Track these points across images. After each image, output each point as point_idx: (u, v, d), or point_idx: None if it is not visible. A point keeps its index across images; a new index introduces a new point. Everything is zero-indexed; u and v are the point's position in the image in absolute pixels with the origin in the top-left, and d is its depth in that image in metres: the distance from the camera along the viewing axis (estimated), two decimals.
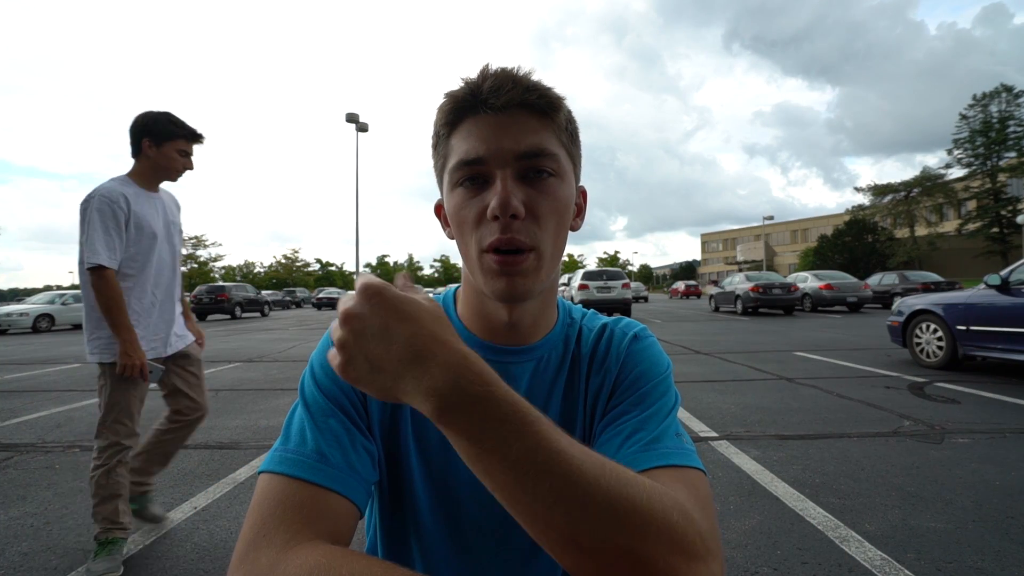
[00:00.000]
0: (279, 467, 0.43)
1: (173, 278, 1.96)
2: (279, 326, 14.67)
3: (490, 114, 0.46)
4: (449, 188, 0.50)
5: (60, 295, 15.74)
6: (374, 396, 0.37)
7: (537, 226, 0.47)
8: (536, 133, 0.47)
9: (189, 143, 1.88)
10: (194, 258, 46.72)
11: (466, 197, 0.48)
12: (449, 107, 0.48)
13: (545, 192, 0.48)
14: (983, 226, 33.77)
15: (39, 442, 3.32)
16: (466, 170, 0.47)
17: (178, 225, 2.01)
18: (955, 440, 2.98)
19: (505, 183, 0.45)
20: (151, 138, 1.80)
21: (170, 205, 1.97)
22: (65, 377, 5.96)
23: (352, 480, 0.44)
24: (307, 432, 0.46)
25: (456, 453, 0.53)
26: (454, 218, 0.49)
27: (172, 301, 1.96)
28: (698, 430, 3.30)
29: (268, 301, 22.30)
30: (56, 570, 1.78)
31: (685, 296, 38.04)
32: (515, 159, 0.46)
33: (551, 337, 0.57)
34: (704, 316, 14.89)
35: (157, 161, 1.82)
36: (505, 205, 0.44)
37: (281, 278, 62.44)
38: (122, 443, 1.74)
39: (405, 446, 0.53)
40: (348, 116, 17.43)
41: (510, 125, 0.46)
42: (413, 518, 0.54)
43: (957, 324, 5.05)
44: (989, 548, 1.79)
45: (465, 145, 0.47)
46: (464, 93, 0.47)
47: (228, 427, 3.58)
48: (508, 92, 0.46)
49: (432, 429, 0.53)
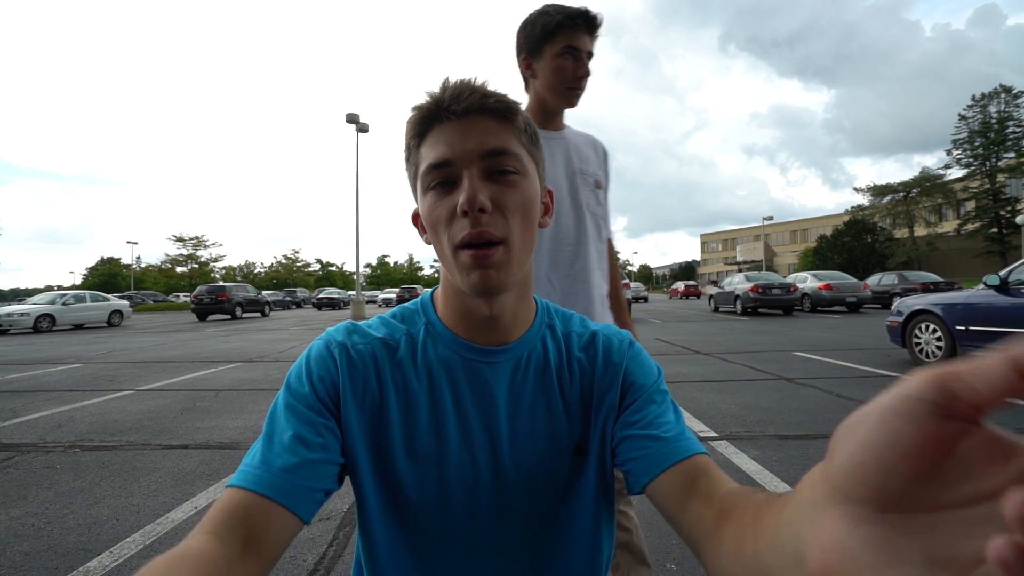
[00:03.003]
0: (232, 482, 0.46)
1: (579, 253, 1.23)
2: (279, 326, 14.67)
3: (453, 120, 0.50)
4: (422, 193, 0.52)
5: (61, 295, 15.71)
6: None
7: (504, 220, 0.50)
8: (497, 135, 0.51)
9: (576, 35, 1.14)
10: (194, 258, 46.69)
11: (437, 198, 0.51)
12: (416, 119, 0.51)
13: (510, 187, 0.51)
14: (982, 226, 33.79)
15: (40, 442, 3.33)
16: (435, 173, 0.50)
17: (591, 175, 1.26)
18: None
19: (471, 180, 0.49)
20: (527, 54, 1.21)
21: (580, 147, 1.28)
22: (66, 377, 5.97)
23: (292, 487, 0.46)
24: (259, 446, 0.48)
25: (446, 447, 0.54)
26: (428, 220, 0.52)
27: (580, 288, 1.22)
28: (698, 430, 3.30)
29: (268, 301, 22.30)
30: (57, 570, 1.79)
31: (685, 296, 38.01)
32: (479, 158, 0.49)
33: (530, 334, 0.59)
34: (704, 316, 14.89)
35: (543, 82, 1.19)
36: (472, 200, 0.48)
37: (281, 278, 62.44)
38: None
39: (393, 453, 0.54)
40: (348, 116, 17.43)
41: (472, 129, 0.50)
42: (405, 514, 0.54)
43: (956, 324, 5.05)
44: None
45: (433, 151, 0.50)
46: (428, 104, 0.51)
47: (229, 427, 3.59)
48: (467, 99, 0.49)
49: (421, 421, 0.54)
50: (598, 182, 1.28)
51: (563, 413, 0.57)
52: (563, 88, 1.17)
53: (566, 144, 1.24)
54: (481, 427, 0.55)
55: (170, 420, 3.82)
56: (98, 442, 3.30)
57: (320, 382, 0.52)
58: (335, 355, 0.54)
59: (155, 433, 3.48)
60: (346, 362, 0.54)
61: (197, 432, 3.48)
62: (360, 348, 0.55)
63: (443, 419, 0.55)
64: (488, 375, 0.56)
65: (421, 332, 0.58)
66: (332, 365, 0.53)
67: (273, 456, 0.47)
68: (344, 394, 0.53)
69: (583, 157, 1.26)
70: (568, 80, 1.16)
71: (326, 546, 1.94)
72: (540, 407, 0.57)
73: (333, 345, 0.55)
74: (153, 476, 2.67)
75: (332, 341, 0.55)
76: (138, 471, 2.75)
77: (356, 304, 16.08)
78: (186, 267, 47.07)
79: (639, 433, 0.53)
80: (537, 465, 0.56)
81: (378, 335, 0.57)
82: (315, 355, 0.54)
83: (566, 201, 1.22)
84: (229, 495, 0.45)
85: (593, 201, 1.27)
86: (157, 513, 2.23)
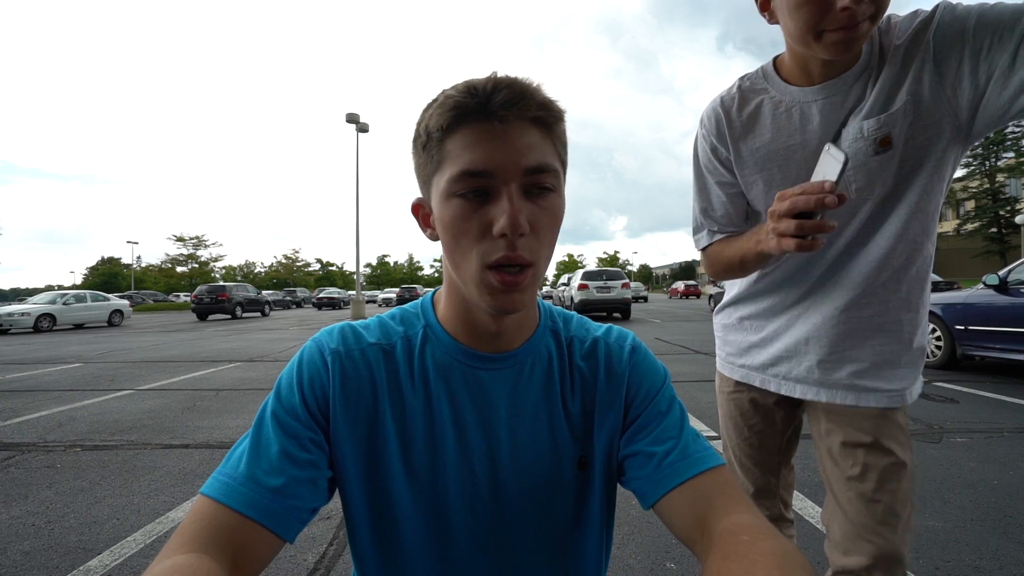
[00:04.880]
0: (209, 490, 0.45)
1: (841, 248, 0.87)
2: (279, 326, 14.67)
3: (496, 125, 0.44)
4: (444, 196, 0.47)
5: (61, 295, 15.70)
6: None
7: (537, 242, 0.47)
8: (540, 149, 0.46)
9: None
10: (195, 258, 46.66)
11: (467, 209, 0.46)
12: (450, 108, 0.45)
13: (545, 208, 0.47)
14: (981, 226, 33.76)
15: (40, 441, 3.33)
16: (469, 181, 0.45)
17: (870, 132, 0.79)
18: (953, 439, 2.98)
19: (512, 200, 0.44)
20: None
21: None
22: (66, 377, 5.96)
23: (280, 509, 0.45)
24: (245, 456, 0.47)
25: (443, 458, 0.52)
26: (451, 229, 0.47)
27: (836, 297, 0.89)
28: (698, 430, 3.30)
29: (269, 301, 22.27)
30: (57, 569, 1.79)
31: (685, 296, 38.01)
32: (522, 175, 0.45)
33: (533, 341, 0.57)
34: (703, 316, 14.89)
35: (783, 25, 0.81)
36: (516, 224, 0.44)
37: (282, 278, 62.42)
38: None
39: (387, 463, 0.52)
40: (348, 116, 17.42)
41: (516, 139, 0.45)
42: (398, 531, 0.52)
43: (956, 324, 5.05)
44: (987, 547, 1.80)
45: (469, 155, 0.45)
46: (471, 98, 0.44)
47: (229, 426, 3.59)
48: (521, 106, 0.44)
49: (417, 433, 0.52)
50: (882, 136, 0.79)
51: (565, 424, 0.55)
52: (808, 30, 0.73)
53: (844, 97, 0.81)
54: (480, 437, 0.53)
55: (170, 419, 3.82)
56: (98, 441, 3.30)
57: (311, 391, 0.51)
58: (328, 362, 0.52)
59: (155, 432, 3.48)
60: (339, 371, 0.52)
61: (197, 432, 3.48)
62: (355, 355, 0.53)
63: (440, 430, 0.52)
64: (488, 382, 0.54)
65: (419, 336, 0.55)
66: (324, 374, 0.51)
67: (260, 472, 0.46)
68: (335, 405, 0.51)
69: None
70: (815, 15, 0.70)
71: (326, 545, 1.94)
72: (542, 417, 0.55)
73: (327, 351, 0.53)
74: (153, 475, 2.67)
75: (325, 347, 0.53)
76: (138, 470, 2.75)
77: (356, 304, 16.07)
78: (186, 267, 47.01)
79: (644, 450, 0.52)
80: (539, 478, 0.53)
81: (373, 340, 0.55)
82: (307, 360, 0.52)
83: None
84: (211, 509, 0.44)
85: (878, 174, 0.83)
86: (157, 512, 2.23)
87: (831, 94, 0.82)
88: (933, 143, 0.78)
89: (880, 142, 0.79)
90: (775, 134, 0.88)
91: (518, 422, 0.54)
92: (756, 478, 1.09)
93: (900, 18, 0.79)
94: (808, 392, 0.94)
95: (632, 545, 1.89)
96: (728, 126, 0.93)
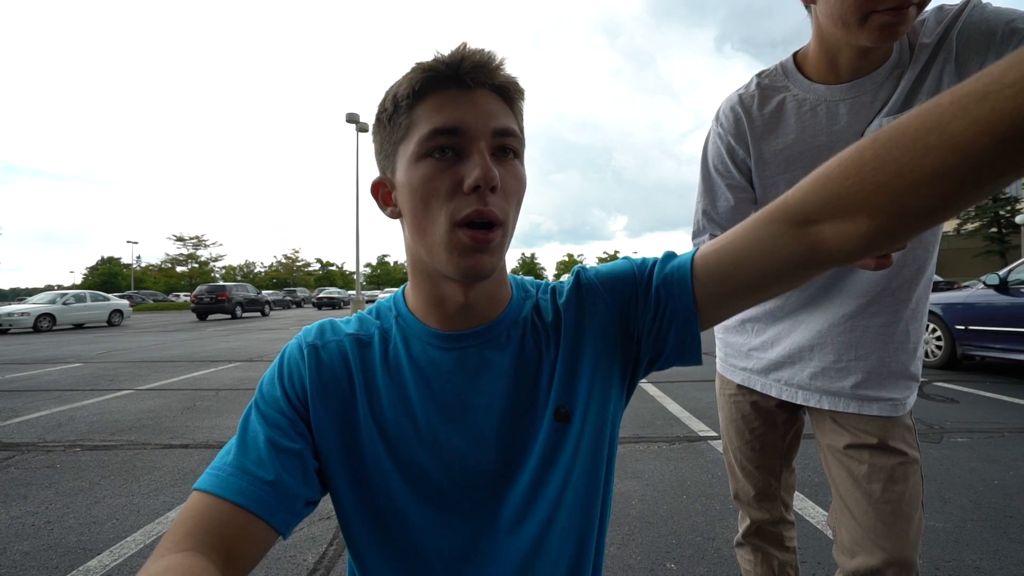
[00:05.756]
0: (201, 484, 0.45)
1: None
2: (279, 326, 14.67)
3: (464, 90, 0.46)
4: (413, 159, 0.47)
5: (61, 295, 15.70)
6: None
7: (506, 202, 0.48)
8: (505, 114, 0.48)
9: None
10: (194, 258, 46.65)
11: (438, 168, 0.46)
12: (419, 77, 0.46)
13: (512, 172, 0.49)
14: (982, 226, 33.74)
15: (40, 441, 3.33)
16: (440, 139, 0.46)
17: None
18: (954, 439, 2.98)
19: (484, 155, 0.45)
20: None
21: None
22: (66, 377, 5.97)
23: (271, 498, 0.45)
24: (233, 450, 0.48)
25: (425, 440, 0.52)
26: (421, 190, 0.47)
27: (845, 304, 0.88)
28: (697, 430, 3.30)
29: (268, 301, 22.28)
30: (57, 569, 1.79)
31: None
32: (491, 135, 0.46)
33: (508, 313, 0.56)
34: None
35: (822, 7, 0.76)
36: (488, 176, 0.44)
37: (281, 278, 62.40)
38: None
39: (368, 451, 0.52)
40: (348, 116, 17.43)
41: (484, 103, 0.47)
42: (388, 516, 0.52)
43: (956, 324, 5.05)
44: (987, 547, 1.79)
45: (439, 116, 0.46)
46: (441, 65, 0.46)
47: (229, 426, 3.59)
48: (489, 72, 0.47)
49: (394, 416, 0.52)
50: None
51: (544, 382, 0.54)
52: (856, 9, 0.68)
53: (873, 91, 0.79)
54: (461, 415, 0.53)
55: (170, 419, 3.82)
56: (98, 441, 3.30)
57: (290, 383, 0.52)
58: (305, 355, 0.54)
59: (155, 432, 3.48)
60: (315, 361, 0.53)
61: (197, 431, 3.48)
62: (331, 346, 0.55)
63: (416, 413, 0.53)
64: (463, 361, 0.54)
65: (393, 326, 0.57)
66: (302, 365, 0.53)
67: (248, 462, 0.46)
68: (312, 393, 0.52)
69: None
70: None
71: (326, 545, 1.94)
72: (522, 383, 0.54)
73: (304, 345, 0.55)
74: (153, 475, 2.67)
75: (303, 341, 0.55)
76: (138, 470, 2.75)
77: (356, 303, 16.07)
78: (186, 266, 46.96)
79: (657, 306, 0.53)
80: (522, 443, 0.53)
81: (350, 331, 0.56)
82: (287, 356, 0.55)
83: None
84: (203, 502, 0.44)
85: None
86: (157, 512, 2.23)
87: (859, 93, 0.79)
88: None
89: None
90: (800, 134, 0.84)
91: (496, 395, 0.54)
92: (757, 481, 1.08)
93: (927, 14, 0.76)
94: (811, 399, 0.92)
95: (632, 545, 1.89)
96: (749, 125, 0.88)
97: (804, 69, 0.85)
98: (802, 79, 0.84)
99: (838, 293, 0.88)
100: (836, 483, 0.89)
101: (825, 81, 0.82)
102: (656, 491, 2.37)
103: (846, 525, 0.86)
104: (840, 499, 0.88)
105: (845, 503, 0.87)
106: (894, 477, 0.82)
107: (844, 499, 0.87)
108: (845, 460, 0.87)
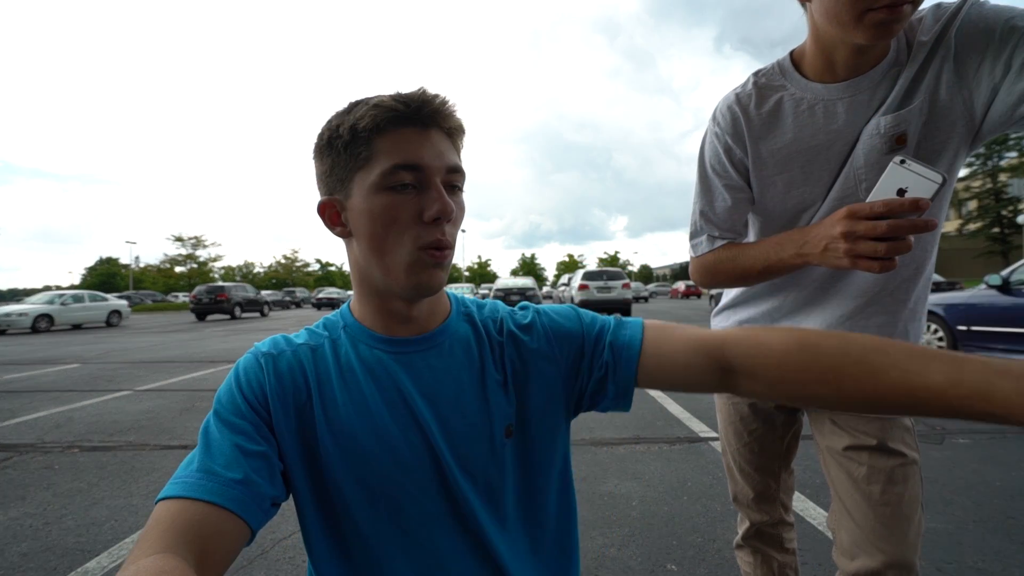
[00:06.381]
0: (165, 493, 0.45)
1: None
2: (279, 326, 14.65)
3: (420, 130, 0.52)
4: (375, 188, 0.52)
5: (60, 295, 15.67)
6: None
7: (454, 229, 0.56)
8: (453, 154, 0.55)
9: None
10: (193, 258, 46.62)
11: (400, 199, 0.52)
12: (379, 113, 0.51)
13: (457, 202, 0.56)
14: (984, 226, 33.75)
15: (38, 442, 3.32)
16: (404, 174, 0.51)
17: (886, 129, 0.76)
18: (955, 440, 2.97)
19: (441, 191, 0.52)
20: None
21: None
22: (64, 377, 5.96)
23: (243, 495, 0.46)
24: (197, 458, 0.48)
25: (377, 441, 0.55)
26: (382, 218, 0.52)
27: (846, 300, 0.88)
28: (698, 430, 3.29)
29: (268, 301, 22.26)
30: (55, 570, 1.78)
31: (685, 296, 38.05)
32: (445, 172, 0.53)
33: (449, 323, 0.61)
34: (704, 316, 14.88)
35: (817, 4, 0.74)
36: (447, 210, 0.52)
37: (281, 278, 62.40)
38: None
39: (324, 454, 0.54)
40: None
41: (437, 143, 0.53)
42: (343, 517, 0.55)
43: (958, 324, 5.04)
44: (989, 548, 1.79)
45: (402, 153, 0.51)
46: (403, 106, 0.51)
47: None
48: (444, 116, 0.53)
49: (347, 418, 0.55)
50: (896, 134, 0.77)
51: (490, 395, 0.59)
52: (851, 7, 0.67)
53: (866, 92, 0.78)
54: (408, 416, 0.56)
55: (169, 420, 3.81)
56: (97, 442, 3.29)
57: (249, 389, 0.54)
58: (263, 363, 0.56)
59: (154, 433, 3.47)
60: (273, 369, 0.56)
61: (196, 432, 3.46)
62: (287, 355, 0.58)
63: (370, 415, 0.55)
64: (409, 364, 0.58)
65: (341, 335, 0.60)
66: (260, 373, 0.56)
67: (215, 465, 0.47)
68: (272, 398, 0.54)
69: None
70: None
71: None
72: (467, 391, 0.58)
73: (260, 356, 0.57)
74: (152, 476, 2.66)
75: (259, 352, 0.58)
76: (137, 471, 2.75)
77: None
78: (185, 267, 46.88)
79: (597, 371, 0.59)
80: (471, 450, 0.57)
81: (301, 342, 0.60)
82: (244, 367, 0.56)
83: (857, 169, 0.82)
84: (170, 509, 0.43)
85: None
86: None
87: (857, 91, 0.78)
88: (947, 145, 0.75)
89: (896, 139, 0.76)
90: (797, 133, 0.83)
91: (443, 398, 0.57)
92: (756, 483, 1.07)
93: (924, 11, 0.75)
94: None
95: (633, 546, 1.88)
96: (746, 124, 0.87)
97: (801, 68, 0.84)
98: (799, 78, 0.83)
99: (836, 293, 0.88)
100: (835, 485, 0.89)
101: (822, 80, 0.81)
102: (657, 492, 2.36)
103: (846, 527, 0.85)
104: (839, 501, 0.88)
105: (844, 505, 0.86)
106: (893, 478, 0.81)
107: (843, 501, 0.87)
108: (844, 462, 0.87)
